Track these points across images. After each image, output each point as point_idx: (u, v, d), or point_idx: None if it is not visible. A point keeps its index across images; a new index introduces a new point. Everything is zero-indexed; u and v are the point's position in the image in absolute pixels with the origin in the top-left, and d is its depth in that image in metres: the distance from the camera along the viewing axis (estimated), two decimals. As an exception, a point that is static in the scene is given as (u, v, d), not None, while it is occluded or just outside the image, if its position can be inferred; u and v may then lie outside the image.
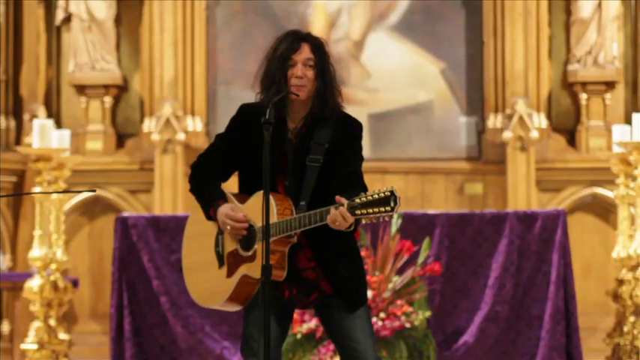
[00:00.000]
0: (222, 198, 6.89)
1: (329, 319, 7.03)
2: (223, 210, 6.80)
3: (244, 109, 7.09)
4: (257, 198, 6.73)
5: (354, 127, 7.03)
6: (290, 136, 6.89)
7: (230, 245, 6.92)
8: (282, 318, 7.11)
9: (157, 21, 15.49)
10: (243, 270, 6.83)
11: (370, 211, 6.44)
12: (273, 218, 6.67)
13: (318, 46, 6.98)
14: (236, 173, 7.07)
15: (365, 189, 6.73)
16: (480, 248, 10.84)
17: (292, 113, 6.93)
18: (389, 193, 6.41)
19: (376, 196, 6.45)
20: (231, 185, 6.91)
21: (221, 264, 6.96)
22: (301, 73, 6.86)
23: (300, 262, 6.87)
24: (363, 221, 6.49)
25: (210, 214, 6.88)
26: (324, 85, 6.93)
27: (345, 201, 6.46)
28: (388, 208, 6.42)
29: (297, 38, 6.99)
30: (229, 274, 6.93)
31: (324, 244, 6.89)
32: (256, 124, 6.77)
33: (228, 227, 6.76)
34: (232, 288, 6.87)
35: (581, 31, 15.38)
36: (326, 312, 7.01)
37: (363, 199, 6.47)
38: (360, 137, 7.02)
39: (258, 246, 6.71)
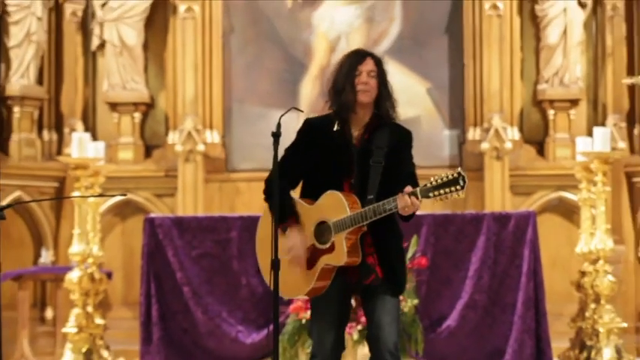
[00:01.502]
0: (291, 214, 7.04)
1: (369, 300, 7.12)
2: (293, 236, 7.00)
3: (309, 122, 7.27)
4: (326, 197, 6.92)
5: (408, 134, 7.25)
6: (354, 142, 7.02)
7: (308, 239, 7.03)
8: (345, 305, 7.20)
9: (180, 47, 15.51)
10: (324, 260, 6.93)
11: (442, 192, 6.72)
12: (346, 212, 6.82)
13: (379, 62, 7.23)
14: None
15: (415, 175, 7.12)
16: (461, 244, 10.85)
17: (355, 122, 7.10)
18: (457, 175, 6.70)
19: (445, 178, 6.71)
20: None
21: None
22: (365, 80, 7.04)
23: (364, 248, 6.98)
24: (434, 201, 6.66)
25: (284, 218, 6.98)
26: (384, 95, 7.14)
27: (411, 189, 6.72)
28: (459, 187, 6.71)
29: (362, 53, 7.23)
30: (310, 267, 7.01)
31: (383, 234, 7.06)
32: (320, 134, 7.05)
33: (290, 256, 6.95)
34: (315, 277, 6.96)
35: (549, 55, 15.40)
36: (370, 295, 7.10)
37: (434, 183, 6.72)
38: (412, 143, 7.24)
39: (335, 238, 6.85)
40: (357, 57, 7.16)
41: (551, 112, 15.43)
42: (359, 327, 9.97)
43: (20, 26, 15.21)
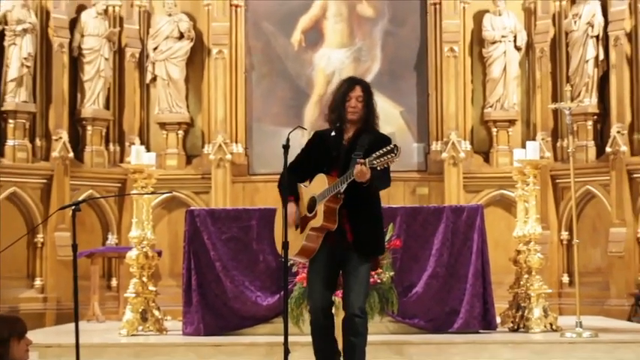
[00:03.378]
0: (292, 195, 7.21)
1: (344, 268, 7.15)
2: (289, 208, 7.09)
3: (317, 132, 7.51)
4: (315, 178, 7.12)
5: (386, 139, 7.25)
6: (344, 143, 7.15)
7: (302, 213, 7.10)
8: (332, 267, 7.18)
9: (213, 80, 15.50)
10: (310, 225, 7.01)
11: (383, 159, 6.76)
12: (326, 186, 7.00)
13: (366, 88, 7.36)
14: None
15: (386, 172, 7.15)
16: (427, 230, 10.80)
17: (347, 130, 7.24)
18: (393, 146, 6.81)
19: (385, 150, 6.77)
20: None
21: (296, 227, 7.10)
22: (354, 104, 7.20)
23: (342, 219, 7.01)
24: (378, 168, 6.74)
25: (289, 199, 7.18)
26: (368, 112, 7.24)
27: (363, 160, 6.79)
28: (394, 154, 6.77)
29: (353, 82, 7.40)
30: (301, 232, 7.07)
31: (358, 210, 7.11)
32: (322, 140, 7.30)
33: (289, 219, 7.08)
34: (303, 239, 7.02)
35: (493, 86, 15.39)
36: (344, 262, 7.13)
37: (377, 154, 6.79)
38: (389, 143, 7.12)
39: (318, 207, 6.99)
40: (349, 85, 7.32)
41: (494, 130, 15.45)
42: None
43: (92, 65, 15.19)
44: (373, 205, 7.25)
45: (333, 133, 7.22)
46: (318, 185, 7.03)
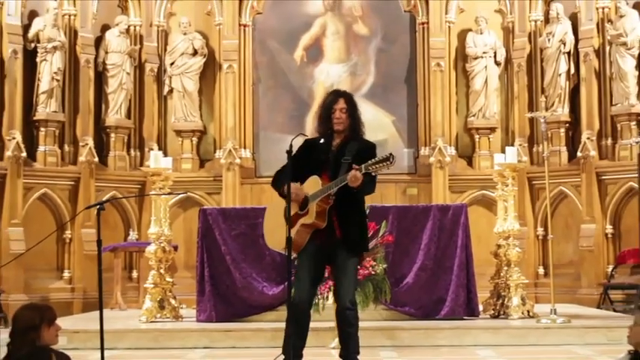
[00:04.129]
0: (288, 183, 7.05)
1: (334, 263, 7.12)
2: (293, 187, 6.99)
3: (306, 141, 7.40)
4: (309, 180, 7.04)
5: (371, 146, 7.26)
6: (333, 149, 7.12)
7: (293, 211, 7.05)
8: (321, 260, 7.16)
9: (223, 92, 15.50)
10: (301, 221, 6.96)
11: (378, 166, 6.82)
12: (319, 187, 6.96)
13: (349, 99, 7.30)
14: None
15: (373, 177, 7.07)
16: (416, 226, 10.80)
17: (335, 138, 7.21)
18: (389, 155, 6.86)
19: (380, 158, 6.85)
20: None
21: (288, 224, 7.05)
22: (339, 116, 7.17)
23: (331, 218, 7.02)
24: (373, 174, 6.83)
25: (281, 191, 7.10)
26: (353, 122, 7.20)
27: (358, 167, 6.81)
28: (389, 162, 6.83)
29: (337, 95, 7.35)
30: (292, 227, 7.03)
31: (346, 209, 7.08)
32: (311, 148, 7.23)
33: (293, 195, 6.96)
34: (294, 234, 6.97)
35: (475, 97, 15.38)
36: (334, 257, 7.09)
37: (372, 161, 6.84)
38: (374, 152, 7.19)
39: (310, 206, 6.95)
40: (333, 98, 7.31)
41: (476, 136, 15.45)
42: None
43: (115, 78, 15.19)
44: (359, 207, 7.26)
45: (322, 141, 7.18)
46: (311, 186, 7.01)
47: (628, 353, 5.41)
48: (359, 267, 7.98)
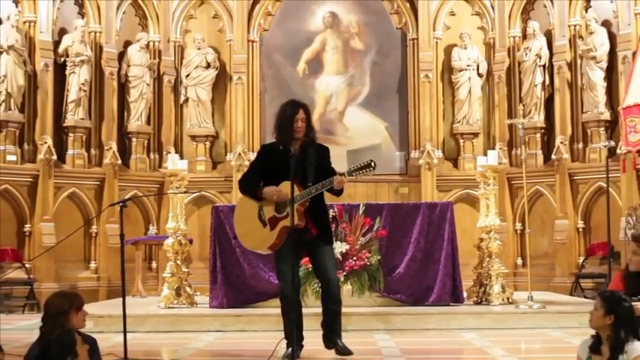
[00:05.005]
0: (260, 188, 7.13)
1: (314, 253, 7.17)
2: (268, 190, 7.07)
3: (265, 147, 7.60)
4: (283, 185, 7.01)
5: (326, 149, 7.40)
6: (294, 154, 7.12)
7: (269, 213, 7.06)
8: (298, 255, 7.22)
9: (234, 101, 15.52)
10: (281, 224, 6.96)
11: (361, 172, 6.94)
12: (296, 192, 6.94)
13: (307, 109, 7.38)
14: None
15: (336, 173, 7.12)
16: (407, 222, 10.77)
17: (294, 144, 7.16)
18: (370, 161, 6.95)
19: (362, 164, 6.94)
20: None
21: (264, 225, 7.06)
22: (300, 125, 7.19)
23: (306, 217, 7.05)
24: (356, 178, 6.91)
25: (259, 195, 7.10)
26: (309, 129, 7.25)
27: (342, 172, 6.95)
28: (371, 168, 6.91)
29: (296, 105, 7.40)
30: (272, 229, 7.06)
31: (317, 210, 7.19)
32: (272, 153, 7.23)
33: (275, 197, 7.03)
34: (275, 236, 7.00)
35: (460, 106, 15.39)
36: (313, 249, 7.15)
37: (355, 167, 6.98)
38: (329, 153, 7.39)
39: (289, 208, 6.92)
40: (293, 108, 7.32)
41: (461, 141, 15.45)
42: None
43: (136, 89, 15.20)
44: (325, 207, 7.39)
45: (281, 147, 7.18)
46: (287, 190, 6.97)
47: (591, 337, 5.43)
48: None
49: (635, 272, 5.97)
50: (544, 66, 14.94)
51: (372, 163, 6.91)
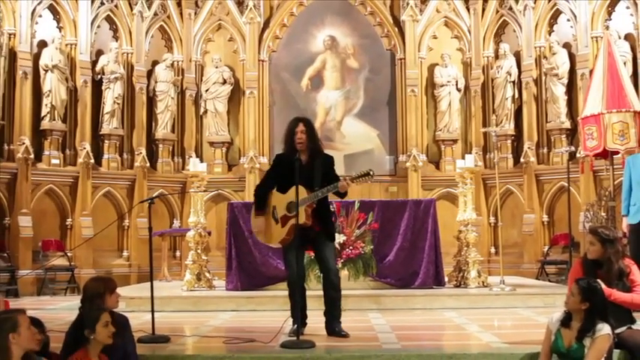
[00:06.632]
0: (263, 209, 7.13)
1: (317, 246, 7.15)
2: (259, 220, 7.14)
3: (278, 156, 7.38)
4: (293, 189, 6.88)
5: (331, 158, 7.27)
6: (303, 164, 7.04)
7: (281, 212, 7.01)
8: (303, 247, 7.19)
9: (246, 112, 15.51)
10: (291, 222, 6.92)
11: (362, 179, 6.88)
12: (305, 195, 6.90)
13: (307, 122, 7.27)
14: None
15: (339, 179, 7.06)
16: (396, 216, 10.73)
17: (302, 154, 7.10)
18: (369, 170, 6.90)
19: (363, 172, 6.86)
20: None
21: (277, 223, 7.00)
22: (299, 137, 7.13)
23: (312, 218, 6.98)
24: (356, 185, 6.88)
25: (257, 213, 7.16)
26: (312, 141, 7.15)
27: (346, 178, 6.93)
28: (370, 177, 6.87)
29: (296, 121, 7.28)
30: (283, 226, 7.00)
31: (321, 210, 7.09)
32: (283, 162, 7.11)
33: (255, 230, 7.19)
34: (285, 232, 6.96)
35: (441, 116, 15.38)
36: (316, 243, 7.11)
37: (357, 174, 6.90)
38: (333, 162, 7.26)
39: (300, 209, 6.86)
40: (294, 123, 7.25)
41: (442, 146, 15.45)
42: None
43: (163, 102, 15.21)
44: (329, 207, 7.36)
45: (291, 156, 7.03)
46: (300, 193, 6.93)
47: (564, 312, 5.44)
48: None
49: (592, 260, 5.96)
50: (514, 82, 14.95)
51: (371, 172, 6.89)
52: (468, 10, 15.57)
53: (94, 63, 14.44)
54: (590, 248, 5.95)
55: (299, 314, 6.91)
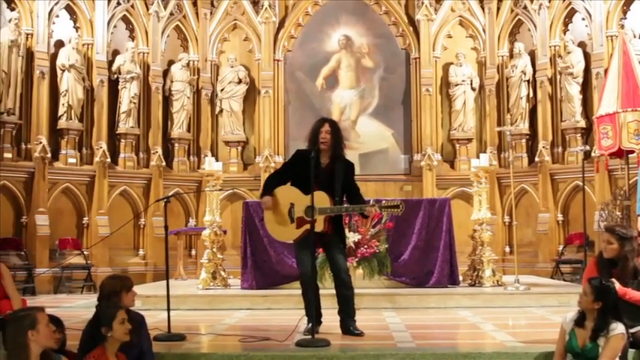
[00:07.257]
0: (271, 194, 7.10)
1: (328, 248, 7.19)
2: (267, 199, 7.08)
3: (298, 152, 7.27)
4: (317, 194, 6.88)
5: (352, 165, 7.25)
6: (323, 167, 6.99)
7: (298, 213, 7.01)
8: (314, 250, 7.21)
9: (262, 111, 15.53)
10: (306, 226, 6.90)
11: (389, 210, 6.93)
12: (327, 204, 6.93)
13: (333, 124, 7.25)
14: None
15: (359, 190, 7.08)
16: (411, 215, 10.71)
17: (323, 156, 7.06)
18: (399, 202, 6.90)
19: (392, 203, 6.88)
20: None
21: (292, 222, 7.01)
22: (323, 136, 7.09)
23: (327, 223, 6.97)
24: (384, 214, 6.95)
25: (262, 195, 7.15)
26: (336, 142, 7.12)
27: (374, 204, 6.91)
28: (398, 210, 6.88)
29: (323, 120, 7.28)
30: (298, 227, 7.01)
31: (336, 220, 7.12)
32: (303, 159, 6.98)
33: (265, 206, 7.11)
34: (300, 233, 6.97)
35: (456, 115, 15.36)
36: (328, 245, 7.14)
37: (387, 204, 6.94)
38: (354, 169, 7.24)
39: (317, 216, 6.87)
40: (320, 123, 7.25)
41: (457, 145, 15.42)
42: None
43: (179, 102, 15.25)
44: (342, 215, 7.31)
45: (312, 155, 6.95)
46: (319, 200, 6.90)
47: (578, 312, 5.43)
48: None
49: (608, 259, 5.95)
50: (528, 81, 14.91)
51: (401, 206, 6.91)
52: (483, 9, 15.54)
53: (111, 63, 14.50)
54: (608, 247, 5.94)
55: (314, 313, 6.92)
